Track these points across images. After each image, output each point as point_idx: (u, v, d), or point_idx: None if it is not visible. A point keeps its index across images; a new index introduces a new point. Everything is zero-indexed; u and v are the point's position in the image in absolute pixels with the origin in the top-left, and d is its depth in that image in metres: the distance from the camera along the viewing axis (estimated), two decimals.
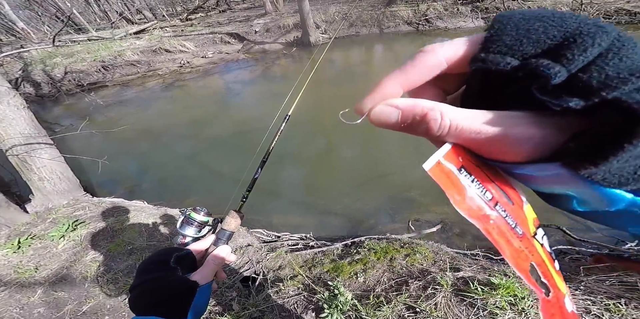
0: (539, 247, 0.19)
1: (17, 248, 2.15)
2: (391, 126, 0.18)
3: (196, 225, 0.60)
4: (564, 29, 0.15)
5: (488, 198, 0.18)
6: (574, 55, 0.14)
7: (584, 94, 0.14)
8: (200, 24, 10.43)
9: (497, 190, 0.18)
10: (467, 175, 0.17)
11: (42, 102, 6.78)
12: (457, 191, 0.17)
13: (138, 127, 4.64)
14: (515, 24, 0.16)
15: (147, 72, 7.70)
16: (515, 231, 0.18)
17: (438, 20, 7.73)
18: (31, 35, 10.38)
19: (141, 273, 0.47)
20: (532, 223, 0.20)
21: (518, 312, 1.23)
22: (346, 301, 1.39)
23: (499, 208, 0.18)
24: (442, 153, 0.17)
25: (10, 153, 2.40)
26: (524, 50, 0.15)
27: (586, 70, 0.14)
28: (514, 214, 0.18)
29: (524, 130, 0.16)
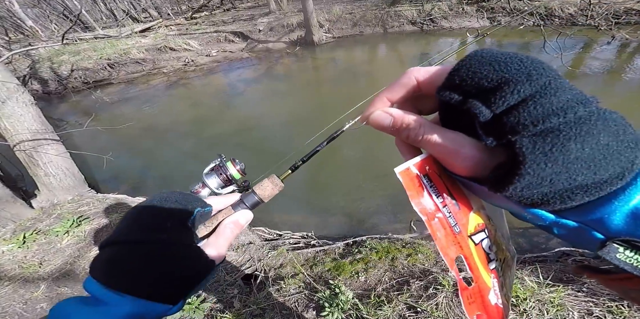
0: (472, 245, 0.24)
1: (22, 243, 2.17)
2: (384, 128, 0.24)
3: (224, 178, 0.51)
4: (502, 75, 0.18)
5: (439, 201, 0.23)
6: (497, 100, 0.17)
7: (498, 135, 0.18)
8: (204, 22, 10.47)
9: (450, 197, 0.24)
10: (428, 181, 0.23)
11: (49, 99, 6.86)
12: (416, 192, 0.23)
13: (142, 125, 4.68)
14: (471, 65, 0.19)
15: (152, 70, 7.76)
16: (453, 229, 0.24)
17: (443, 20, 7.68)
18: (39, 33, 10.50)
19: (143, 223, 0.30)
20: (473, 226, 0.24)
21: (519, 313, 1.22)
22: (347, 300, 1.39)
23: (445, 210, 0.23)
24: (412, 162, 0.23)
25: (17, 149, 2.43)
26: (468, 89, 0.19)
27: (508, 113, 0.17)
28: (457, 216, 0.24)
29: (468, 150, 0.20)
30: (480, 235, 0.25)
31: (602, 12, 5.95)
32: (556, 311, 1.21)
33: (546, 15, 6.60)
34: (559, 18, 6.58)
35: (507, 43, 6.29)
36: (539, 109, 0.17)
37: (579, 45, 5.36)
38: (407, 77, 0.23)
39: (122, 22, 12.07)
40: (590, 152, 0.16)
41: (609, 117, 0.17)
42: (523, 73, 0.17)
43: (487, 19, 7.34)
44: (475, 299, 0.25)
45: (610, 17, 5.80)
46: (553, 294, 1.27)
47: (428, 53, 6.31)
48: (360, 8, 8.56)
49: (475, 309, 0.25)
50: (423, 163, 0.23)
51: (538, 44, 5.15)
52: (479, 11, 7.44)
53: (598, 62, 4.64)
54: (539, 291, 1.30)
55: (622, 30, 4.95)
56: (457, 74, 0.20)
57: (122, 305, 0.25)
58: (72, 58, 7.67)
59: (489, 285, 0.25)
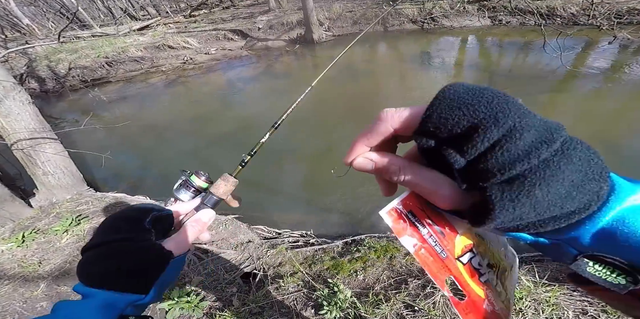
0: (460, 266, 0.26)
1: (22, 242, 2.18)
2: (368, 171, 0.26)
3: (193, 190, 0.53)
4: (471, 120, 0.19)
5: (425, 232, 0.25)
6: (469, 149, 0.19)
7: (471, 180, 0.19)
8: (203, 20, 10.41)
9: (435, 226, 0.26)
10: (412, 216, 0.25)
11: (47, 97, 6.83)
12: (401, 229, 0.25)
13: (141, 123, 4.67)
14: (442, 110, 0.20)
15: (150, 68, 7.72)
16: (439, 255, 0.26)
17: (444, 19, 7.66)
18: (36, 31, 10.43)
19: (105, 230, 0.36)
20: (460, 249, 0.26)
21: (515, 312, 1.23)
22: (345, 299, 1.40)
23: (431, 239, 0.25)
24: (396, 201, 0.25)
25: (15, 148, 2.42)
26: (441, 135, 0.20)
27: (479, 160, 0.19)
28: (442, 243, 0.26)
29: (446, 190, 0.22)
30: (467, 255, 0.27)
31: (605, 12, 5.93)
32: (551, 310, 1.22)
33: (547, 15, 6.58)
34: (560, 17, 6.57)
35: (507, 42, 6.28)
36: (505, 155, 0.18)
37: (580, 45, 5.36)
38: (383, 125, 0.23)
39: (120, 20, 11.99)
40: (555, 192, 0.18)
41: (573, 153, 0.18)
42: (491, 117, 0.18)
43: (488, 18, 7.32)
44: (471, 310, 0.26)
45: (612, 17, 5.78)
46: (549, 293, 1.28)
47: (428, 51, 6.30)
48: (360, 6, 8.52)
49: (474, 318, 0.26)
50: (406, 200, 0.25)
51: (538, 43, 5.14)
52: (480, 10, 7.41)
53: (599, 62, 4.64)
54: (535, 290, 1.31)
55: (624, 30, 4.93)
56: (429, 121, 0.20)
57: (96, 296, 0.31)
58: (70, 56, 7.63)
59: (482, 296, 0.27)
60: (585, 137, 1.05)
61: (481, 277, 0.27)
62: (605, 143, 2.75)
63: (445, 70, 5.26)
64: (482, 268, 0.28)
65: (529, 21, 6.68)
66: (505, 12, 7.13)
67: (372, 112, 1.58)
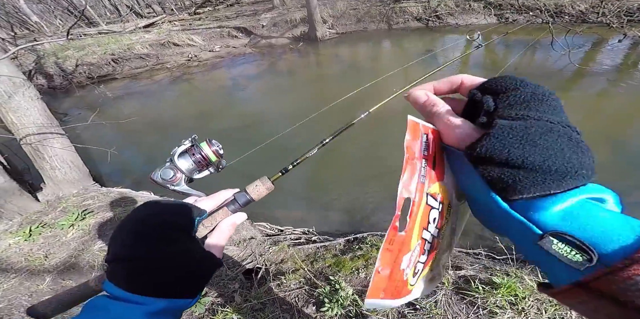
0: (424, 201, 0.28)
1: (29, 236, 2.21)
2: (417, 103, 0.31)
3: (197, 160, 0.45)
4: (515, 86, 0.25)
5: (424, 154, 0.28)
6: (503, 98, 0.25)
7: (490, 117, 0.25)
8: (208, 18, 10.42)
9: (432, 161, 0.29)
10: (425, 140, 0.28)
11: (54, 93, 6.91)
12: (412, 138, 0.27)
13: (146, 119, 4.70)
14: (500, 79, 0.26)
15: (155, 66, 7.77)
16: (420, 177, 0.27)
17: (449, 17, 7.57)
18: (44, 29, 10.54)
19: (153, 235, 0.33)
20: (433, 190, 0.29)
21: (518, 312, 1.22)
22: (347, 296, 1.40)
23: (423, 162, 0.28)
24: (424, 122, 0.29)
25: (24, 142, 2.46)
26: (489, 90, 0.27)
27: (504, 108, 0.24)
28: (428, 173, 0.28)
29: (462, 126, 0.27)
30: (434, 201, 0.28)
31: (614, 9, 5.81)
32: (554, 310, 1.21)
33: (556, 13, 6.47)
34: (569, 15, 6.45)
35: (514, 40, 6.19)
36: (525, 107, 0.23)
37: (589, 43, 5.26)
38: (457, 77, 0.30)
39: (126, 17, 12.07)
40: (545, 142, 0.21)
41: (574, 137, 0.22)
42: (531, 87, 0.25)
43: (494, 16, 7.22)
44: (395, 248, 0.26)
45: (622, 15, 5.67)
46: None
47: (433, 50, 6.24)
48: (364, 4, 8.46)
49: (387, 262, 0.26)
50: (431, 129, 0.29)
51: (545, 41, 5.06)
52: (486, 8, 7.31)
53: (609, 60, 4.55)
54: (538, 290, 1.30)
55: (635, 28, 4.83)
56: (488, 82, 0.27)
57: (156, 303, 0.31)
58: (77, 53, 7.71)
59: (411, 247, 0.27)
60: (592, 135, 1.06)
61: (425, 232, 0.29)
62: (613, 142, 2.70)
63: (451, 68, 5.21)
64: (432, 225, 0.29)
65: (537, 19, 6.58)
66: (512, 10, 7.03)
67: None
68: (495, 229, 0.27)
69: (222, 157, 0.46)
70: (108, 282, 0.31)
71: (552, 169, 0.21)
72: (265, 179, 0.42)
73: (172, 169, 0.45)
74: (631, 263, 0.17)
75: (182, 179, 0.45)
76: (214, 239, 0.38)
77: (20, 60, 7.11)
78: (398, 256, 0.27)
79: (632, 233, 0.18)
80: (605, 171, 2.45)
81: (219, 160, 0.47)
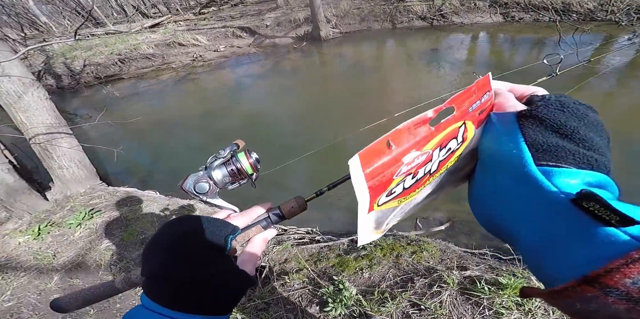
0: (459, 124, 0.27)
1: (37, 235, 2.25)
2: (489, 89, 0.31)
3: (233, 172, 0.43)
4: None
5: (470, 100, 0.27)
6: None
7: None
8: (212, 18, 10.48)
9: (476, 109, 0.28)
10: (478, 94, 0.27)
11: (63, 93, 7.02)
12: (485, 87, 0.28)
13: (152, 119, 4.75)
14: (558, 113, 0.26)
15: (161, 65, 7.84)
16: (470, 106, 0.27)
17: (454, 16, 7.50)
18: (53, 29, 10.71)
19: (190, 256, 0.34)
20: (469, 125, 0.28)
21: (524, 312, 1.21)
22: (350, 296, 1.40)
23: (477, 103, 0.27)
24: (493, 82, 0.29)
25: (33, 142, 2.50)
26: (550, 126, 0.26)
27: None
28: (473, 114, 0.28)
29: (515, 102, 0.29)
30: (462, 133, 0.28)
31: (624, 7, 5.71)
32: None
33: (563, 11, 6.37)
34: (576, 13, 6.34)
35: (520, 39, 6.12)
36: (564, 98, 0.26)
37: (598, 42, 5.17)
38: (527, 88, 0.31)
39: (132, 17, 12.19)
40: (584, 128, 0.23)
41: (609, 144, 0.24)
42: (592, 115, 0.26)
43: (500, 14, 7.14)
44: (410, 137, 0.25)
45: (632, 12, 5.56)
46: None
47: (437, 49, 6.19)
48: (368, 3, 8.42)
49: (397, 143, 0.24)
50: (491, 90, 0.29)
51: (552, 40, 4.99)
52: (492, 7, 7.23)
53: (618, 58, 4.47)
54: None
55: None
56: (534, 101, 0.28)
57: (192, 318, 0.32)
58: (85, 53, 7.81)
59: (423, 149, 0.26)
60: None
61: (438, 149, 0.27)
62: (623, 142, 2.66)
63: (455, 67, 5.16)
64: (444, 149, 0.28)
65: (543, 17, 6.48)
66: (518, 8, 6.94)
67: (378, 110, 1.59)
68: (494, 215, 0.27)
69: (258, 170, 0.45)
70: (145, 297, 0.33)
71: (595, 147, 0.22)
72: (301, 199, 0.42)
73: (207, 182, 0.43)
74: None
75: (216, 191, 0.44)
76: (247, 255, 0.39)
77: (30, 61, 7.23)
78: (409, 145, 0.25)
79: None
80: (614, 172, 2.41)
81: (255, 174, 0.45)
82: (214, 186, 0.43)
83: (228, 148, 0.45)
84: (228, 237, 0.36)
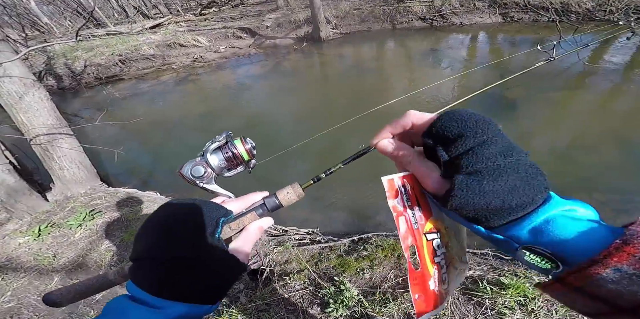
0: (424, 240, 0.33)
1: (38, 236, 2.24)
2: (386, 153, 0.34)
3: (228, 158, 0.42)
4: (459, 131, 0.27)
5: (407, 205, 0.32)
6: (452, 149, 0.28)
7: (448, 170, 0.28)
8: (213, 18, 10.50)
9: (416, 204, 0.33)
10: (404, 190, 0.33)
11: (63, 94, 7.03)
12: (392, 195, 0.32)
13: (152, 119, 4.75)
14: (444, 121, 0.28)
15: (161, 66, 7.85)
16: (412, 225, 0.32)
17: (453, 16, 7.52)
18: (54, 30, 10.73)
19: (179, 237, 0.32)
20: (428, 228, 0.33)
21: (527, 312, 1.21)
22: (352, 297, 1.40)
23: (410, 211, 0.32)
24: (398, 175, 0.33)
25: (34, 142, 2.50)
26: (438, 137, 0.29)
27: (457, 158, 0.27)
28: (418, 218, 0.33)
29: (435, 175, 0.30)
30: (432, 235, 0.34)
31: (622, 7, 5.72)
32: (565, 311, 1.19)
33: (562, 11, 6.38)
34: (575, 13, 6.36)
35: (519, 39, 6.12)
36: (473, 158, 0.26)
37: (597, 42, 5.17)
38: (406, 119, 0.32)
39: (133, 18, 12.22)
40: (499, 188, 0.25)
41: (521, 167, 0.26)
42: (472, 131, 0.27)
43: (499, 15, 7.15)
44: (419, 281, 0.32)
45: (630, 12, 5.57)
46: None
47: (437, 49, 6.20)
48: (368, 4, 8.44)
49: (417, 291, 0.32)
50: (405, 177, 0.33)
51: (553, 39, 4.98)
52: (491, 7, 7.24)
53: (616, 58, 4.48)
54: None
55: None
56: (434, 126, 0.29)
57: (176, 307, 0.30)
58: (86, 54, 7.82)
59: (431, 273, 0.33)
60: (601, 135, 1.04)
61: (436, 257, 0.34)
62: (621, 142, 2.65)
63: (455, 68, 5.16)
64: (438, 250, 0.34)
65: (542, 17, 6.49)
66: (517, 9, 6.95)
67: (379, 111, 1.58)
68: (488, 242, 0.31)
69: (254, 156, 0.45)
70: (131, 282, 0.31)
71: (512, 205, 0.25)
72: (297, 186, 0.40)
73: (203, 166, 0.42)
74: (592, 264, 0.21)
75: (212, 177, 0.44)
76: (240, 242, 0.37)
77: (31, 62, 7.24)
78: (425, 284, 0.32)
79: (594, 237, 0.22)
80: (614, 172, 2.41)
81: (251, 160, 0.44)
82: (210, 171, 0.43)
83: (224, 133, 0.44)
84: (220, 220, 0.35)
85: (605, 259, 0.21)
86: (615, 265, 0.20)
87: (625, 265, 0.20)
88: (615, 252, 0.20)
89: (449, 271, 0.35)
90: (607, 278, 0.20)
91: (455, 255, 0.36)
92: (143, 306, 0.29)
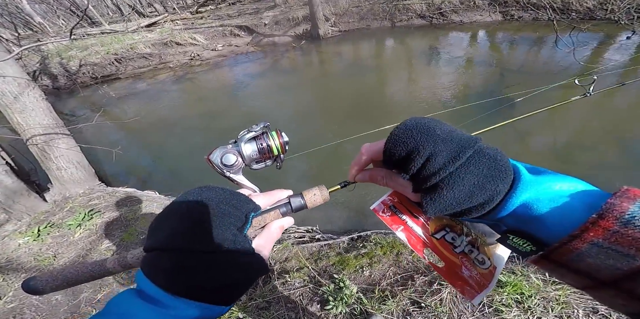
0: (435, 240, 0.36)
1: (37, 236, 2.24)
2: (366, 181, 0.37)
3: (262, 149, 0.40)
4: (406, 152, 0.29)
5: (403, 218, 0.37)
6: (408, 171, 0.29)
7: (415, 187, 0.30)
8: (210, 16, 10.42)
9: (410, 214, 0.37)
10: (394, 208, 0.37)
11: (59, 94, 6.97)
12: (391, 220, 0.37)
13: (150, 119, 4.73)
14: (390, 147, 0.30)
15: (158, 65, 7.79)
16: (416, 234, 0.36)
17: (453, 14, 7.51)
18: (47, 29, 10.61)
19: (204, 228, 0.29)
20: (433, 227, 0.36)
21: (524, 310, 1.22)
22: (351, 294, 1.41)
23: (410, 222, 0.36)
24: (381, 199, 0.38)
25: (30, 143, 2.49)
26: (394, 162, 0.31)
27: (415, 175, 0.29)
28: (421, 226, 0.37)
29: (408, 190, 0.32)
30: (440, 233, 0.36)
31: (624, 6, 5.71)
32: (561, 308, 1.21)
33: (562, 9, 6.38)
34: (575, 12, 6.36)
35: (519, 38, 6.12)
36: (427, 174, 0.28)
37: (595, 41, 5.18)
38: (363, 157, 0.35)
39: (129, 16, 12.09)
40: (459, 194, 0.27)
41: (473, 165, 0.27)
42: (416, 149, 0.28)
43: (499, 13, 7.14)
44: (451, 272, 0.35)
45: (632, 11, 5.57)
46: (558, 292, 1.27)
47: (437, 47, 6.19)
48: (367, 1, 8.40)
49: (456, 281, 0.34)
50: (390, 196, 0.38)
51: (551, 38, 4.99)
52: (492, 5, 7.23)
53: (616, 57, 4.49)
54: (544, 288, 1.30)
55: None
56: (385, 154, 0.31)
57: (188, 309, 0.27)
58: (80, 53, 7.75)
59: (458, 263, 0.35)
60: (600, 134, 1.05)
61: (456, 249, 0.36)
62: (619, 141, 2.67)
63: (454, 66, 5.17)
64: (456, 241, 0.36)
65: (543, 16, 6.49)
66: (517, 7, 6.94)
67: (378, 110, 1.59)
68: None
69: (285, 152, 0.42)
70: (142, 276, 0.28)
71: (480, 202, 0.27)
72: (324, 188, 0.39)
73: (235, 154, 0.40)
74: (571, 239, 0.22)
75: (241, 167, 0.41)
76: (262, 240, 0.34)
77: (25, 61, 7.16)
78: (458, 275, 0.35)
79: (570, 215, 0.23)
80: (613, 171, 2.43)
81: (280, 155, 0.42)
82: (240, 161, 0.40)
83: (261, 123, 0.42)
84: (250, 214, 0.32)
85: (582, 234, 0.21)
86: (591, 239, 0.21)
87: (601, 239, 0.20)
88: (591, 227, 0.21)
89: (482, 250, 0.36)
90: (586, 253, 0.21)
91: (478, 235, 0.37)
92: (152, 305, 0.26)
